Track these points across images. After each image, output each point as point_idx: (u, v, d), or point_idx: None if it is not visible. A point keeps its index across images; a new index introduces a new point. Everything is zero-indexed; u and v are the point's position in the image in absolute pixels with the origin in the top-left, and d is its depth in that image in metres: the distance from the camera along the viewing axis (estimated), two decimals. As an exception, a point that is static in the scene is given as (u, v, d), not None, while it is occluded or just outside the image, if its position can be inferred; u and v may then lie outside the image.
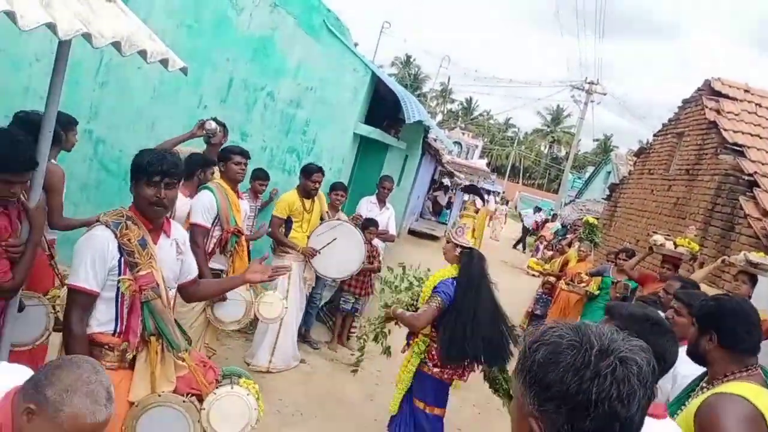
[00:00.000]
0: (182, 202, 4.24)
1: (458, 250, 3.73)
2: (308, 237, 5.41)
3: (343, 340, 6.49)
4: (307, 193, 5.42)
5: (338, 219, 5.62)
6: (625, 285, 4.42)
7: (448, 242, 3.83)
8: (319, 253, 5.35)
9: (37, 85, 6.47)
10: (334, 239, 5.35)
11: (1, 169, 2.42)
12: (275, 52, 6.49)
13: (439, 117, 70.32)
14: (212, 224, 4.25)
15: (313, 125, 6.57)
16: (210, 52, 6.46)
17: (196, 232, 4.13)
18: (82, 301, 2.41)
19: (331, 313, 6.71)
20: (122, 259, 2.45)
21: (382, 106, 7.66)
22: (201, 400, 2.59)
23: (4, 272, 2.46)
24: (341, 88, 6.52)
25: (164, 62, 2.73)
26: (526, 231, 22.75)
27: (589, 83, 28.24)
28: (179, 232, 2.80)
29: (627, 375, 1.00)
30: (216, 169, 4.72)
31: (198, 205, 4.23)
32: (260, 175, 5.77)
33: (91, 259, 2.39)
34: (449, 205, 23.50)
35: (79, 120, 6.50)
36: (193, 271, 2.87)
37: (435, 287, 3.68)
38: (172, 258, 2.66)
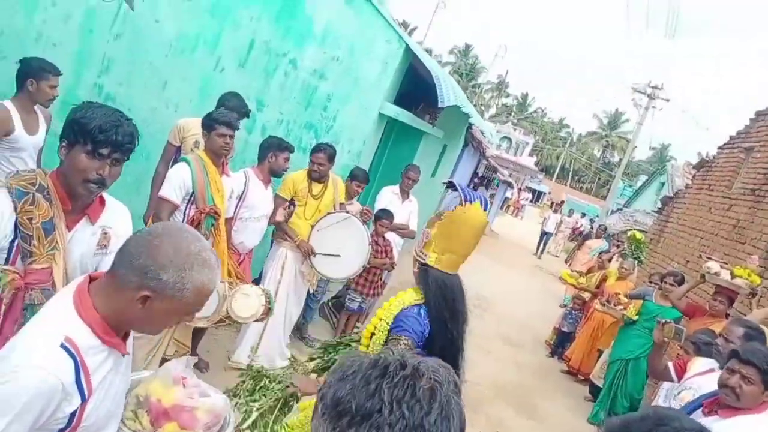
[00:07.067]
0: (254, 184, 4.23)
1: (416, 265, 2.48)
2: (312, 227, 4.79)
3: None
4: (314, 174, 4.80)
5: (347, 212, 4.93)
6: (677, 329, 3.63)
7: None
8: (315, 256, 4.71)
9: (51, 32, 6.07)
10: (338, 255, 4.71)
11: None
12: (302, 13, 5.85)
13: (492, 110, 68.76)
14: (187, 202, 3.66)
15: (335, 100, 5.93)
16: (232, 8, 5.87)
17: (161, 208, 3.57)
18: None
19: (336, 309, 6.09)
20: (15, 242, 1.88)
21: (420, 90, 6.96)
22: None
23: None
24: (370, 60, 5.85)
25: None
26: (543, 235, 20.52)
27: (652, 87, 26.55)
28: (114, 218, 2.08)
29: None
30: (289, 155, 4.42)
31: (170, 178, 3.64)
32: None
33: None
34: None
35: (91, 73, 6.22)
36: None
37: (393, 324, 2.40)
38: (89, 250, 2.01)
